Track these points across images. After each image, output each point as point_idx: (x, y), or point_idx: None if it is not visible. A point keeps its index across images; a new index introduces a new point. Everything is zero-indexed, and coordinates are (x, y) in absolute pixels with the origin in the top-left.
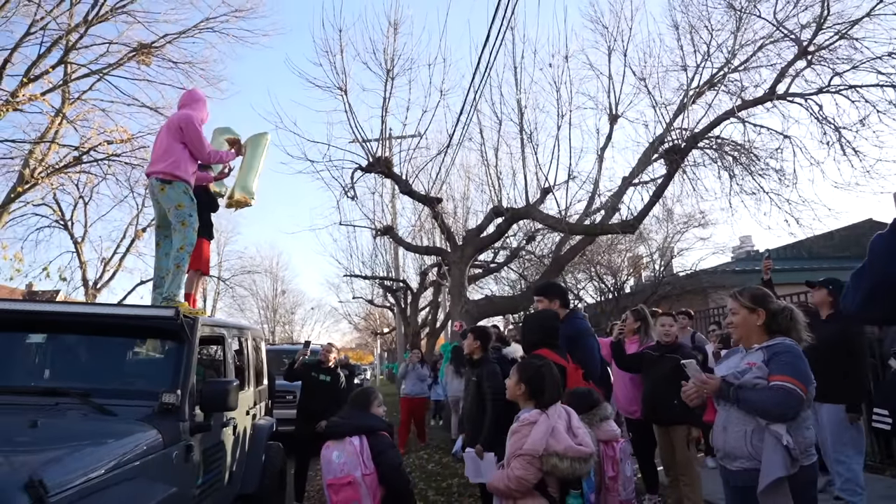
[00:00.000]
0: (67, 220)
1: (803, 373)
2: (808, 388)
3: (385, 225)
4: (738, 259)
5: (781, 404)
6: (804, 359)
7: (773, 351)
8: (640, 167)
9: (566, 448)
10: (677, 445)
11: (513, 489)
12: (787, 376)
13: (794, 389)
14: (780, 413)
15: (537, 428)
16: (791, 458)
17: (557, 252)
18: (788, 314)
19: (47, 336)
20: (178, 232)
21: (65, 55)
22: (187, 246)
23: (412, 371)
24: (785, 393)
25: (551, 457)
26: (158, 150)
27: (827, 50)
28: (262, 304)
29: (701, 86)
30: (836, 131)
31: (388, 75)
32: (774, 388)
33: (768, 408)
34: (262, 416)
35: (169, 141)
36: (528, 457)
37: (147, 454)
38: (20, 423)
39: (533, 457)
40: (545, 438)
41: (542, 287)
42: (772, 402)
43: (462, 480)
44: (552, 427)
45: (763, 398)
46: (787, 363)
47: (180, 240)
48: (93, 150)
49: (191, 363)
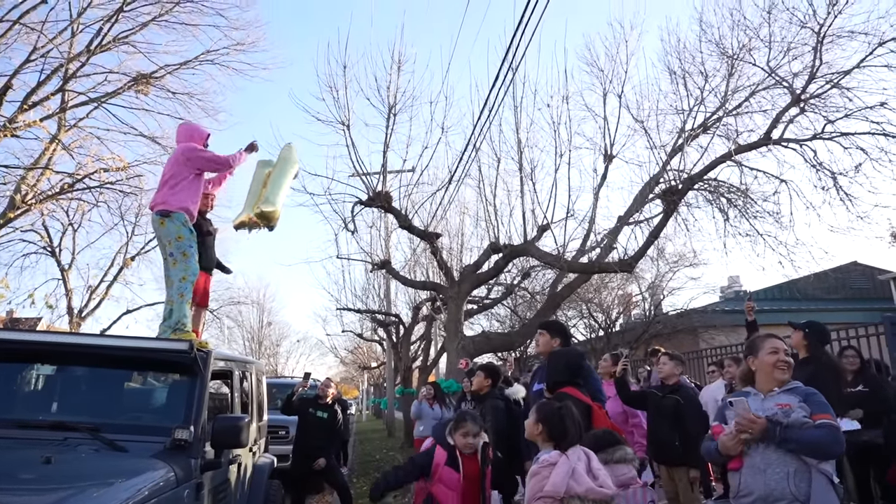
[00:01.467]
0: (55, 246)
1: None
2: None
3: (382, 259)
4: (726, 299)
5: (833, 442)
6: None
7: (805, 392)
8: (636, 206)
9: (587, 490)
10: (680, 487)
11: None
12: (828, 415)
13: (838, 427)
14: (832, 451)
15: (557, 469)
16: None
17: (553, 289)
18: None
19: (56, 368)
20: (180, 262)
21: (64, 83)
22: (189, 276)
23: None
24: (835, 430)
25: (573, 499)
26: (161, 183)
27: (819, 98)
28: (247, 335)
29: (696, 129)
30: (832, 177)
31: (390, 111)
32: (824, 427)
33: (822, 446)
34: (261, 452)
35: (172, 171)
36: (549, 499)
37: (160, 493)
38: (33, 458)
39: (554, 499)
40: (566, 480)
41: (546, 323)
42: (826, 440)
43: None
44: (572, 468)
45: (816, 436)
46: (823, 403)
47: (182, 270)
48: (87, 177)
49: (203, 398)
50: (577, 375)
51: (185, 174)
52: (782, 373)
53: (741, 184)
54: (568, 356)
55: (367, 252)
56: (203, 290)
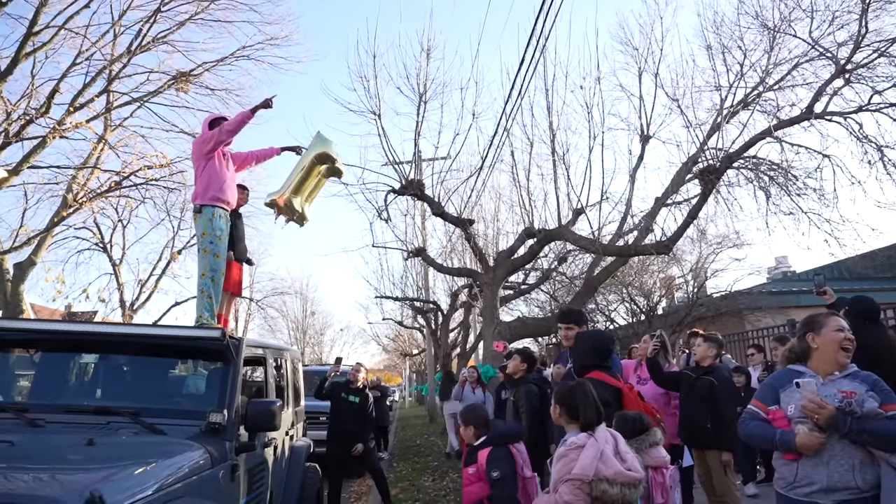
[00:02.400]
0: (107, 242)
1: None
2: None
3: (417, 247)
4: (773, 280)
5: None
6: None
7: (870, 379)
8: (673, 187)
9: (616, 473)
10: (714, 470)
11: None
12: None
13: None
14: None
15: (586, 452)
16: None
17: (590, 273)
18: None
19: (99, 356)
20: (200, 259)
21: (108, 84)
22: (209, 272)
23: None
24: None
25: (601, 482)
26: (197, 180)
27: (866, 68)
28: (292, 325)
29: (735, 105)
30: (878, 150)
31: (420, 99)
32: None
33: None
34: (299, 437)
35: (199, 166)
36: (578, 482)
37: (196, 472)
38: (77, 441)
39: (583, 482)
40: (594, 463)
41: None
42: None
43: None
44: (601, 451)
45: (891, 429)
46: (890, 392)
47: (202, 266)
48: (133, 174)
49: (236, 383)
50: (605, 359)
51: (201, 163)
52: (846, 354)
53: (782, 160)
54: (595, 338)
55: (403, 240)
56: (235, 279)
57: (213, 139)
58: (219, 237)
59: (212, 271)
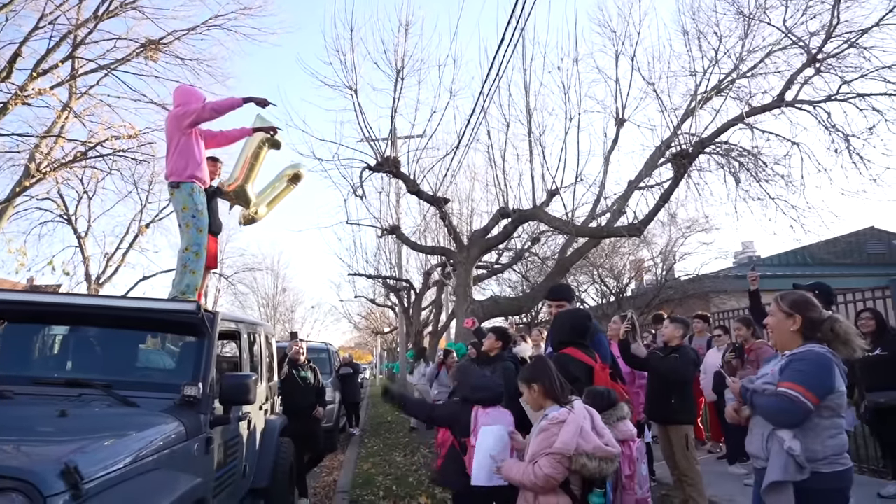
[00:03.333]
0: (71, 214)
1: (817, 383)
2: (821, 397)
3: (391, 224)
4: (739, 264)
5: (782, 411)
6: (827, 369)
7: (792, 358)
8: (647, 171)
9: (595, 448)
10: (676, 446)
11: (539, 486)
12: (793, 384)
13: (796, 397)
14: (779, 420)
15: (567, 427)
16: (796, 465)
17: (562, 254)
18: (830, 325)
19: (70, 328)
20: (184, 233)
21: (73, 50)
22: (192, 246)
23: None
24: (787, 401)
25: (581, 456)
26: (167, 154)
27: (836, 58)
28: (262, 301)
29: (709, 91)
30: (845, 139)
31: (398, 75)
32: (778, 395)
33: (769, 413)
34: (273, 412)
35: (174, 141)
36: (559, 456)
37: (171, 445)
38: (49, 413)
39: (563, 456)
40: (575, 438)
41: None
42: (773, 409)
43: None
44: (580, 427)
45: (765, 404)
46: (798, 371)
47: (186, 241)
48: (99, 144)
49: (211, 357)
50: (581, 336)
51: (177, 138)
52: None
53: (753, 147)
54: (574, 317)
55: (377, 217)
56: (211, 253)
57: (195, 115)
58: (200, 211)
59: (196, 245)
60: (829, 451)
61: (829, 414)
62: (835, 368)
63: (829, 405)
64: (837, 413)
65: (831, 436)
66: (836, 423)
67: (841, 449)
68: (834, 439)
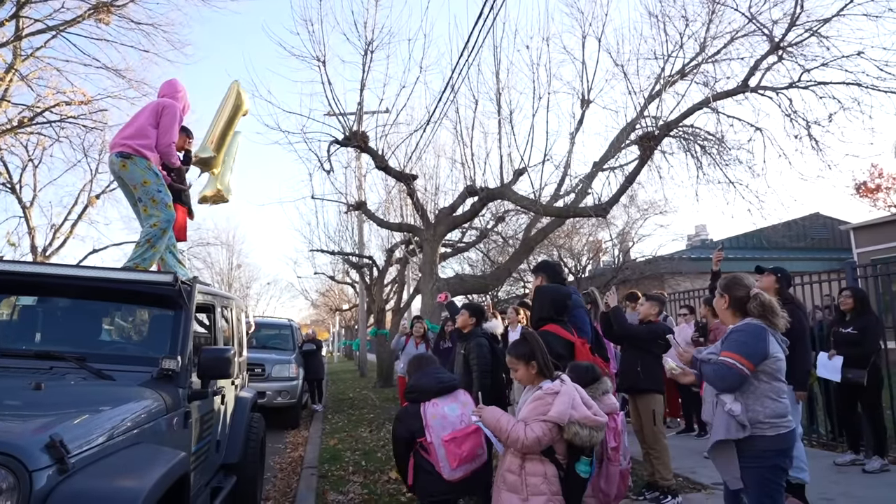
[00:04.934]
0: (15, 182)
1: (751, 350)
2: (756, 363)
3: (357, 200)
4: (692, 247)
5: (721, 378)
6: (760, 338)
7: (732, 331)
8: (612, 152)
9: (585, 417)
10: (644, 418)
11: (524, 445)
12: (731, 353)
13: (733, 364)
14: (720, 385)
15: (561, 398)
16: (738, 424)
17: (527, 234)
18: (754, 301)
19: (38, 299)
20: (150, 208)
21: (18, 9)
22: (161, 223)
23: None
24: (725, 368)
25: (573, 425)
26: (128, 128)
27: (798, 46)
28: (217, 277)
29: (673, 74)
30: (806, 125)
31: (367, 48)
32: (718, 363)
33: (711, 380)
34: (243, 387)
35: (144, 122)
36: (552, 424)
37: (153, 418)
38: (22, 385)
39: (556, 424)
40: (568, 409)
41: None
42: (714, 375)
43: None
44: (573, 398)
45: (708, 371)
46: (735, 341)
47: (153, 216)
48: (48, 110)
49: (189, 330)
50: (561, 313)
51: (152, 122)
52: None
53: (717, 131)
54: (553, 293)
55: (342, 193)
56: (180, 224)
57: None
58: (164, 185)
59: (165, 222)
60: (769, 413)
61: (768, 378)
62: (769, 337)
63: (766, 370)
64: (775, 377)
65: (772, 399)
66: (776, 388)
67: (783, 412)
68: (774, 402)
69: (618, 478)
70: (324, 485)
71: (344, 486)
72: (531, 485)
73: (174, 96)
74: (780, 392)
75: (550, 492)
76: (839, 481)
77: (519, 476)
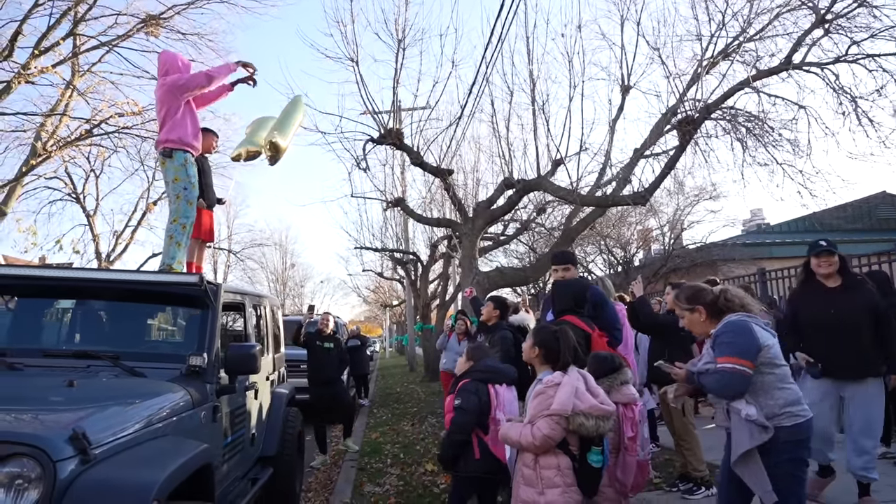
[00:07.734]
0: (79, 193)
1: (744, 348)
2: (753, 359)
3: (396, 197)
4: (748, 232)
5: (726, 386)
6: (747, 332)
7: (716, 335)
8: (652, 138)
9: (591, 407)
10: (673, 412)
11: (537, 446)
12: (727, 357)
13: (733, 368)
14: (726, 393)
15: (563, 389)
16: (759, 427)
17: (568, 224)
18: (723, 297)
19: (76, 302)
20: (173, 204)
21: (74, 27)
22: (181, 218)
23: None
24: (728, 375)
25: (577, 416)
26: (159, 123)
27: (845, 18)
28: (271, 276)
29: (715, 56)
30: (853, 101)
31: (399, 46)
32: (719, 372)
33: (716, 391)
34: (279, 383)
35: (164, 108)
36: (557, 416)
37: (178, 412)
38: (58, 383)
39: (561, 416)
40: (571, 398)
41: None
42: (718, 386)
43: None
44: (575, 388)
45: (710, 382)
46: (724, 343)
47: (174, 212)
48: (104, 122)
49: (215, 327)
50: (580, 305)
51: (173, 106)
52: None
53: (759, 111)
54: (573, 286)
55: (382, 190)
56: (207, 227)
57: (195, 85)
58: (193, 184)
59: (184, 218)
60: (782, 403)
61: (770, 369)
62: (753, 328)
63: (764, 361)
64: (775, 364)
65: (780, 388)
66: (781, 376)
67: (795, 398)
68: (784, 391)
69: (635, 468)
70: (361, 477)
71: (381, 478)
72: (545, 478)
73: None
74: (786, 378)
75: (565, 483)
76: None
77: (534, 470)
